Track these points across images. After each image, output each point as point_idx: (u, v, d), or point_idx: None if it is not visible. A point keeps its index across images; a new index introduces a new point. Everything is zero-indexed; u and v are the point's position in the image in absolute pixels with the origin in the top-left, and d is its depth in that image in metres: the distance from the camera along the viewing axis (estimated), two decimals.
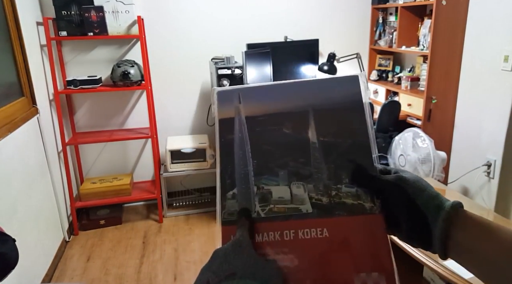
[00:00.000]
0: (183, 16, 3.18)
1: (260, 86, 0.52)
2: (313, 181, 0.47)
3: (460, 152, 3.00)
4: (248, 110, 0.51)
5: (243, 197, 0.47)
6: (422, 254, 1.65)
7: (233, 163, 0.49)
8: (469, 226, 0.42)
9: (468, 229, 0.42)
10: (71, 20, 2.74)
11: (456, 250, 0.42)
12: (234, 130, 0.50)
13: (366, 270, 0.42)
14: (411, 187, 0.45)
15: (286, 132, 0.50)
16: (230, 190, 0.47)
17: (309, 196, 0.47)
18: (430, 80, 2.92)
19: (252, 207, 0.47)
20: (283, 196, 0.47)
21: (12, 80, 2.35)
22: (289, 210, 0.46)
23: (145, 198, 3.29)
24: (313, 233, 0.45)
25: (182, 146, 3.07)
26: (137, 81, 2.91)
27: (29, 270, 2.19)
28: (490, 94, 2.66)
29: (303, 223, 0.45)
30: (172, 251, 2.74)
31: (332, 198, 0.46)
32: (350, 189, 0.47)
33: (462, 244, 0.42)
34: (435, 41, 2.84)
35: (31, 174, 2.35)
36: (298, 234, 0.45)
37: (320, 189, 0.47)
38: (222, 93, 0.52)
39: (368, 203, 0.46)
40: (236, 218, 0.46)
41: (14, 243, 1.37)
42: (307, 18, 3.44)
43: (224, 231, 0.45)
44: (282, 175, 0.48)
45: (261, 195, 0.47)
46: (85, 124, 3.20)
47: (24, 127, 2.29)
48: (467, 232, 0.42)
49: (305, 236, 0.45)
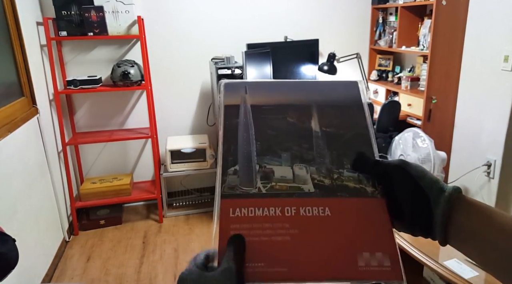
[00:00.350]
0: (183, 16, 3.18)
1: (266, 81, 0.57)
2: (316, 165, 0.48)
3: (460, 152, 3.00)
4: (253, 100, 0.53)
5: (244, 174, 0.47)
6: (422, 254, 1.65)
7: (236, 143, 0.49)
8: (471, 209, 0.42)
9: (470, 212, 0.42)
10: (71, 20, 2.74)
11: (456, 234, 0.42)
12: (239, 115, 0.51)
13: (369, 250, 0.42)
14: (414, 170, 0.45)
15: (290, 120, 0.51)
16: (232, 166, 0.47)
17: (312, 177, 0.47)
18: (430, 80, 2.92)
19: (254, 183, 0.46)
20: (286, 175, 0.47)
21: (12, 80, 2.35)
22: (291, 189, 0.46)
23: (145, 198, 3.29)
24: (315, 211, 0.44)
25: (182, 146, 3.07)
26: (137, 81, 2.91)
27: (29, 270, 2.19)
28: (490, 94, 2.66)
29: (305, 201, 0.45)
30: (172, 251, 2.74)
31: (335, 181, 0.47)
32: (352, 174, 0.47)
33: (464, 227, 0.41)
34: (435, 41, 2.84)
35: (31, 174, 2.35)
36: (300, 211, 0.44)
37: (322, 172, 0.47)
38: (229, 85, 0.54)
39: (370, 187, 0.46)
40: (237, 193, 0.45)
41: (14, 243, 1.37)
42: (307, 18, 3.44)
43: (223, 204, 0.44)
44: (285, 157, 0.48)
45: (263, 173, 0.47)
46: (85, 124, 3.20)
47: (24, 127, 2.29)
48: (469, 215, 0.41)
49: (307, 213, 0.44)
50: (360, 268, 0.40)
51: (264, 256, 0.41)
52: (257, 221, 0.43)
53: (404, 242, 1.75)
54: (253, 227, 0.43)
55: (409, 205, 0.44)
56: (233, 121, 0.51)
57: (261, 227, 0.43)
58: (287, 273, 0.40)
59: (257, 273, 0.39)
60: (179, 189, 3.45)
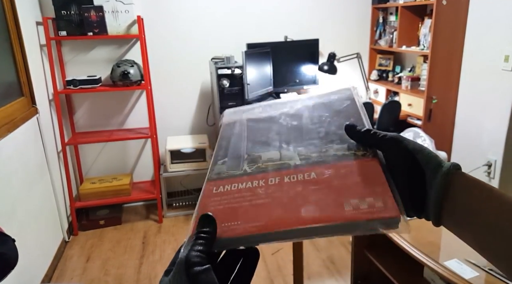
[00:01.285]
0: (183, 16, 3.18)
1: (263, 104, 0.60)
2: (304, 146, 0.47)
3: (461, 152, 3.00)
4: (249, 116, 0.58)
5: (232, 162, 0.47)
6: (422, 254, 1.65)
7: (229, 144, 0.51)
8: (470, 185, 0.39)
9: (469, 189, 0.39)
10: (70, 20, 2.73)
11: (452, 213, 0.39)
12: (235, 126, 0.55)
13: (358, 197, 0.38)
14: (411, 144, 0.42)
15: (283, 123, 0.53)
16: (222, 159, 0.48)
17: (299, 155, 0.46)
18: (431, 80, 2.92)
19: (240, 167, 0.46)
20: (273, 157, 0.46)
21: (11, 80, 2.35)
22: (277, 165, 0.45)
23: (144, 198, 3.29)
24: (300, 177, 0.42)
25: (181, 146, 3.06)
26: (136, 81, 2.91)
27: (29, 270, 2.18)
28: (491, 94, 2.65)
29: (290, 171, 0.43)
30: (172, 252, 2.74)
31: (323, 153, 0.45)
32: (341, 146, 0.45)
33: (461, 204, 0.39)
34: (435, 41, 2.84)
35: (30, 174, 2.35)
36: (284, 179, 0.42)
37: (310, 149, 0.46)
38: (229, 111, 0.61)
39: (360, 151, 0.44)
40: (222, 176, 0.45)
41: (14, 243, 1.36)
42: (307, 18, 3.44)
43: (207, 186, 0.44)
44: (273, 145, 0.49)
45: (250, 159, 0.47)
46: (85, 124, 3.20)
47: (23, 127, 2.29)
48: (467, 191, 0.39)
49: (291, 180, 0.42)
50: (348, 211, 0.37)
51: (242, 216, 0.38)
52: (239, 192, 0.42)
53: (404, 242, 1.74)
54: (235, 197, 0.41)
55: (403, 180, 0.41)
56: (229, 131, 0.54)
57: (243, 196, 0.41)
58: (264, 225, 0.37)
59: (231, 230, 0.37)
60: (178, 189, 3.44)
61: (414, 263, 1.67)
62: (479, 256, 0.39)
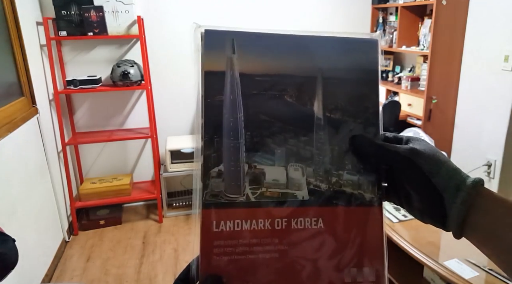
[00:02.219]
0: (183, 16, 3.18)
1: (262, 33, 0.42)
2: (314, 165, 0.41)
3: (461, 152, 3.00)
4: (244, 65, 0.40)
5: (231, 176, 0.39)
6: (422, 254, 1.65)
7: (221, 133, 0.39)
8: (491, 208, 0.37)
9: (490, 211, 0.37)
10: (71, 20, 2.73)
11: (473, 231, 0.38)
12: (225, 90, 0.40)
13: (357, 266, 0.41)
14: (426, 163, 0.38)
15: (289, 100, 0.42)
16: (215, 166, 0.39)
17: (307, 181, 0.41)
18: (430, 80, 2.92)
19: (242, 188, 0.39)
20: (278, 179, 0.40)
21: (12, 80, 2.35)
22: (283, 196, 0.40)
23: (145, 198, 3.29)
24: (307, 223, 0.40)
25: (182, 146, 3.07)
26: (137, 81, 2.91)
27: (29, 270, 2.19)
28: (490, 94, 2.65)
29: (298, 211, 0.40)
30: (172, 251, 2.74)
31: (332, 186, 0.41)
32: (351, 177, 0.42)
33: (482, 226, 0.37)
34: (435, 41, 2.84)
35: (31, 174, 2.35)
36: (291, 224, 0.40)
37: (320, 175, 0.41)
38: (211, 35, 0.40)
39: (369, 193, 0.42)
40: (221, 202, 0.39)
41: (14, 243, 1.37)
42: (307, 18, 3.44)
43: (205, 216, 0.38)
44: (279, 154, 0.41)
45: (253, 176, 0.40)
46: (85, 124, 3.20)
47: (24, 127, 2.29)
48: (488, 215, 0.37)
49: (298, 226, 0.40)
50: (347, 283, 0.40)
51: (250, 277, 0.39)
52: (243, 237, 0.39)
53: (404, 242, 1.74)
54: (239, 244, 0.38)
55: (419, 201, 0.39)
56: (216, 98, 0.39)
57: (248, 244, 0.39)
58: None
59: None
60: (179, 189, 3.45)
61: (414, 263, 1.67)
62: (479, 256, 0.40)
